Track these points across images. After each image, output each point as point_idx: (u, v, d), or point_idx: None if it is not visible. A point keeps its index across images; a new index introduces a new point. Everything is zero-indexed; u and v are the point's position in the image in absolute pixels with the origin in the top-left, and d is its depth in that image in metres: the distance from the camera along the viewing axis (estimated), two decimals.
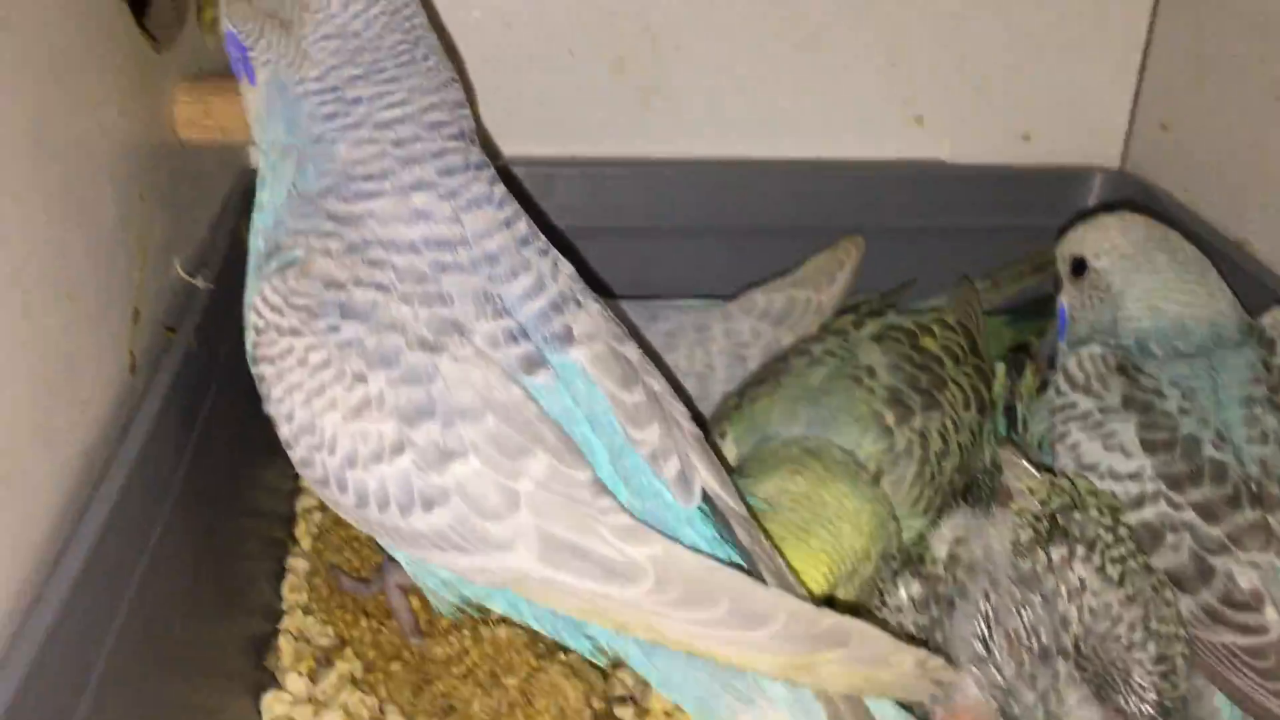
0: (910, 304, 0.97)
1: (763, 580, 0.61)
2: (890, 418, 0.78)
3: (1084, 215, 1.04)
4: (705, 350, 0.91)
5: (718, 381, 0.91)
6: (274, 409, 0.65)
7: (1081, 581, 0.63)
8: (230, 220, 0.87)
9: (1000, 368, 0.85)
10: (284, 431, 0.65)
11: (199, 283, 0.78)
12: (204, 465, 0.74)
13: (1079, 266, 0.84)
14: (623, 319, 0.91)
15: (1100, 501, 0.69)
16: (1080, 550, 0.65)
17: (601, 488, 0.61)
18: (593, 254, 1.02)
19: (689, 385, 0.90)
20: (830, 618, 0.58)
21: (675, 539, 0.60)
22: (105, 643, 0.57)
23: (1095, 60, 1.06)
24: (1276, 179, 0.88)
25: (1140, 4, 1.03)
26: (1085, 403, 0.76)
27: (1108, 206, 1.04)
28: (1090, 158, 1.08)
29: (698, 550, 0.60)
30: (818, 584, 0.69)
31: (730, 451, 0.80)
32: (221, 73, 0.74)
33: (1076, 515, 0.67)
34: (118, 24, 0.69)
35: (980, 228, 1.05)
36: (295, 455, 0.65)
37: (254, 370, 0.67)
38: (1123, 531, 0.68)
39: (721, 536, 0.64)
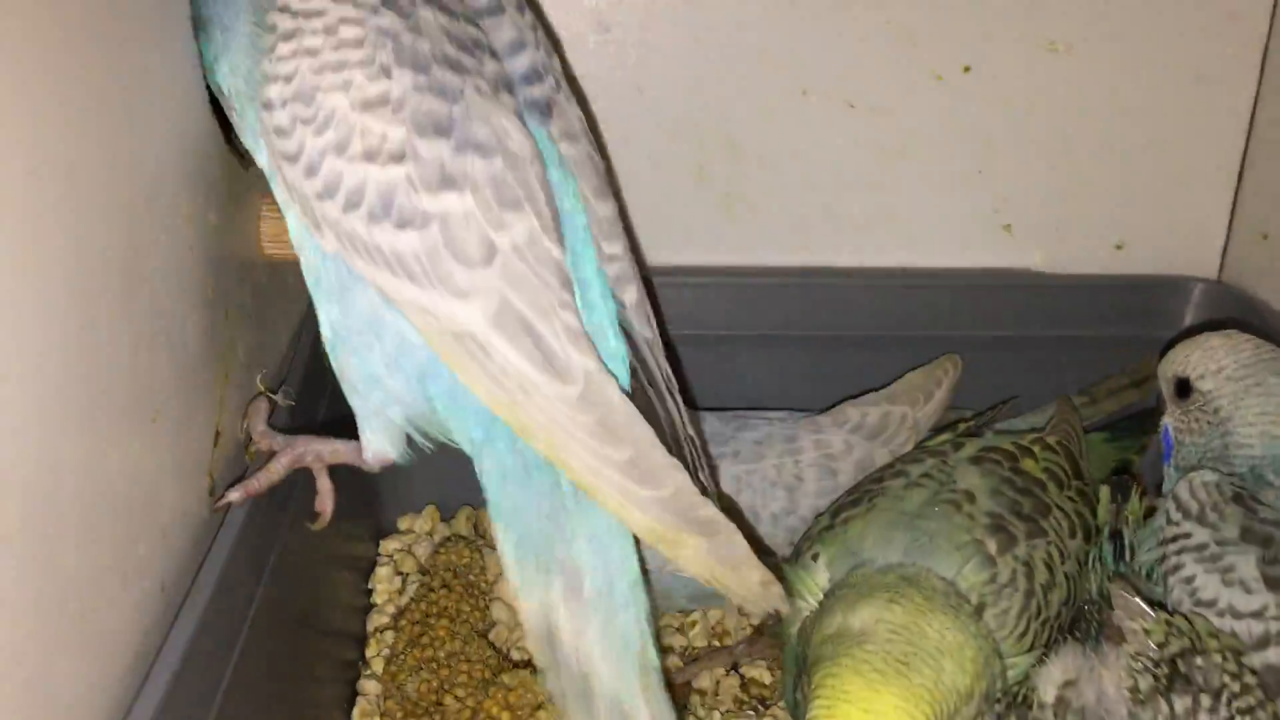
0: (1006, 420, 0.94)
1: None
2: (993, 546, 0.74)
3: (1182, 327, 1.02)
4: (795, 461, 0.88)
5: (807, 495, 0.88)
6: (271, 64, 0.60)
7: None
8: (310, 334, 0.86)
9: (1104, 492, 0.82)
10: (273, 91, 0.60)
11: (280, 399, 0.76)
12: (281, 588, 0.72)
13: (1183, 388, 0.80)
14: (708, 427, 0.90)
15: (1222, 644, 0.65)
16: (1206, 700, 0.61)
17: (568, 277, 0.59)
18: (677, 363, 1.01)
19: (777, 496, 0.87)
20: (708, 509, 0.62)
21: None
22: None
23: (1190, 166, 1.03)
24: None
25: (1238, 108, 1.01)
26: (1200, 533, 0.71)
27: (1207, 320, 1.01)
28: (1187, 267, 1.05)
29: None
30: None
31: (822, 576, 0.76)
32: None
33: (1199, 660, 0.63)
34: (210, 144, 0.69)
35: (1074, 339, 1.02)
36: (273, 118, 0.60)
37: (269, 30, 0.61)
38: (1249, 679, 0.63)
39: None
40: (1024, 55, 0.98)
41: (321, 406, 0.86)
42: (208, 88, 0.67)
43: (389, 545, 0.99)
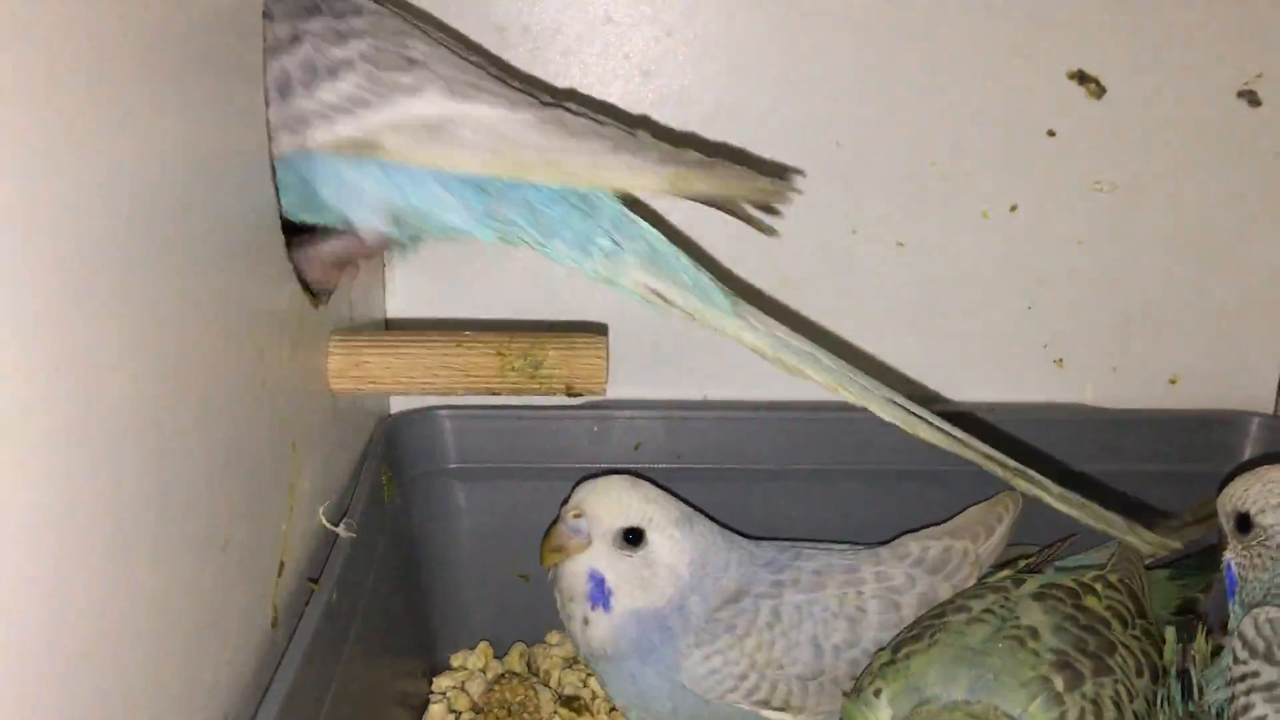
0: (1067, 556, 0.93)
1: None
2: (1060, 683, 0.73)
3: (1239, 462, 1.01)
4: (857, 592, 0.87)
5: (870, 627, 0.86)
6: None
7: None
8: (372, 468, 0.87)
9: (1170, 632, 0.80)
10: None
11: (342, 531, 0.77)
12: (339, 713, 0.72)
13: (1244, 523, 0.79)
14: (763, 554, 0.89)
15: None
16: None
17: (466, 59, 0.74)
18: (722, 495, 1.01)
19: (839, 628, 0.86)
20: (692, 152, 0.74)
21: None
22: None
23: (1244, 299, 1.03)
24: None
25: None
26: (1269, 672, 0.70)
27: (1264, 454, 1.00)
28: (1242, 402, 1.04)
29: None
30: None
31: (884, 713, 0.75)
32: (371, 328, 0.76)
33: None
34: (284, 285, 0.71)
35: (1131, 473, 1.01)
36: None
37: None
38: None
39: None
40: (1070, 194, 1.00)
41: (381, 541, 0.87)
42: (284, 227, 0.70)
43: (442, 682, 0.99)
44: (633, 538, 0.85)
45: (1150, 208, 1.00)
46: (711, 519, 0.92)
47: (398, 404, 1.00)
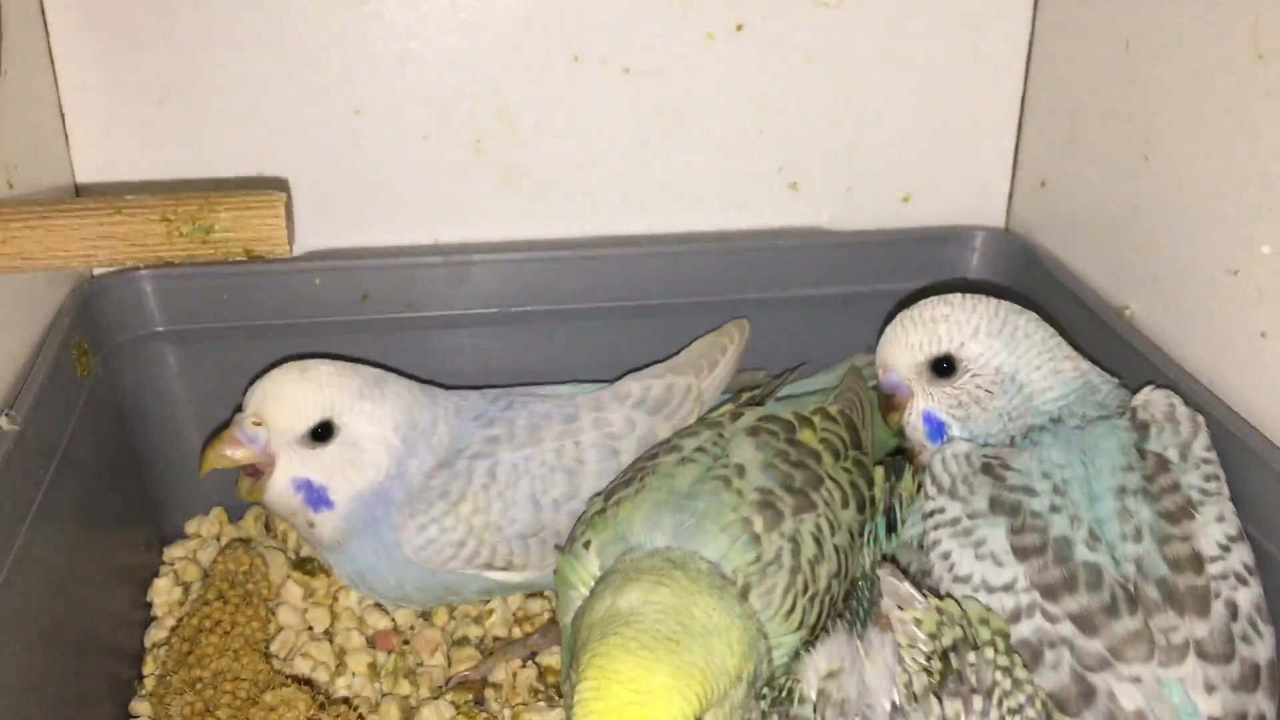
0: (799, 380, 0.93)
1: None
2: (759, 524, 0.73)
3: (969, 276, 1.02)
4: (575, 442, 0.86)
5: (589, 476, 0.85)
6: None
7: None
8: (54, 344, 0.81)
9: (879, 471, 0.81)
10: None
11: (3, 423, 0.71)
12: (40, 602, 0.68)
13: (943, 365, 0.79)
14: (471, 406, 0.87)
15: (993, 629, 0.64)
16: (977, 702, 0.59)
17: None
18: (458, 342, 0.98)
19: (557, 481, 0.85)
20: None
21: None
22: None
23: (973, 115, 1.02)
24: (1152, 242, 0.85)
25: (1014, 53, 1.00)
26: (953, 507, 0.71)
27: (993, 268, 1.01)
28: (974, 217, 1.04)
29: None
30: (690, 703, 0.63)
31: (592, 564, 0.74)
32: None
33: (971, 657, 0.61)
34: None
35: (866, 294, 1.01)
36: None
37: None
38: (1020, 673, 0.62)
39: None
40: (796, 10, 0.96)
41: (74, 418, 0.82)
42: None
43: (173, 552, 0.95)
44: (322, 432, 0.81)
45: (878, 22, 0.97)
46: (404, 374, 0.89)
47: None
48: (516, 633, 0.91)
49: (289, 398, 0.81)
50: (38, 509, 0.73)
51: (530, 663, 0.88)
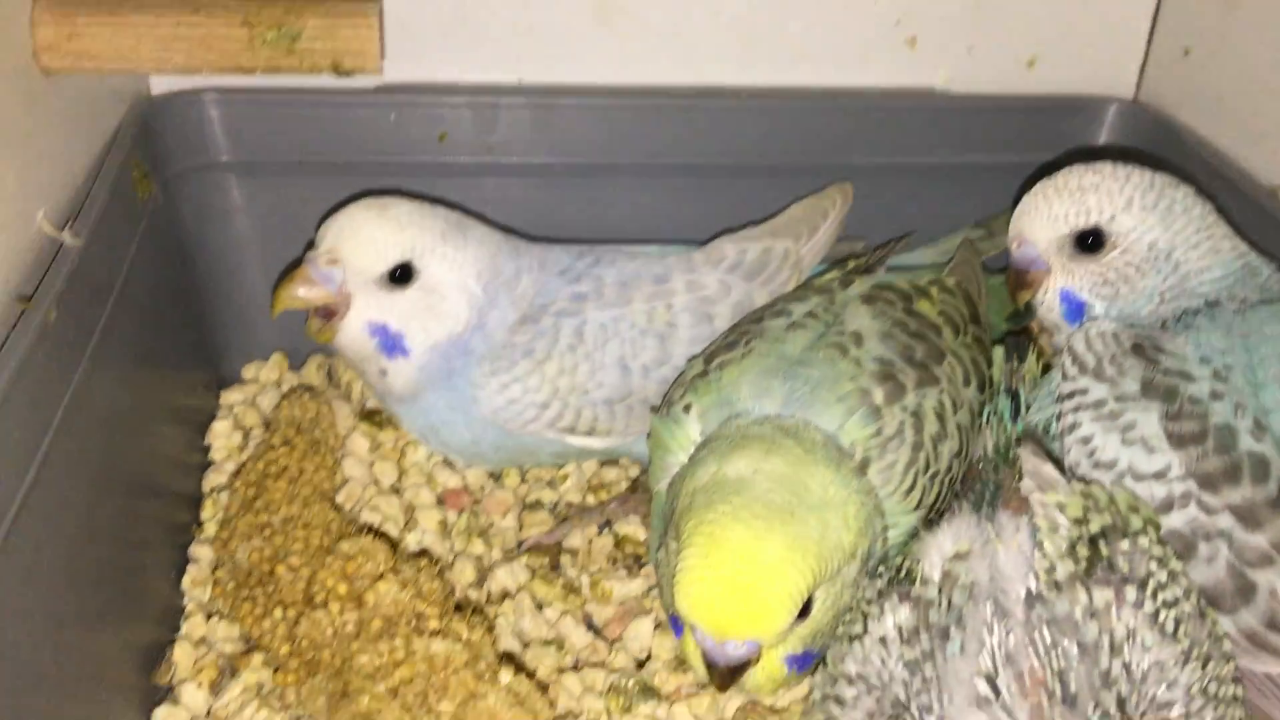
0: (903, 254, 0.86)
1: None
2: (879, 396, 0.68)
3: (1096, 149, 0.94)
4: (666, 305, 0.80)
5: (680, 343, 0.79)
6: None
7: (1131, 633, 0.52)
8: (115, 163, 0.75)
9: (999, 351, 0.75)
10: None
11: (66, 237, 0.66)
12: (96, 441, 0.65)
13: (1089, 239, 0.72)
14: (555, 261, 0.81)
15: (1143, 518, 0.58)
16: (1131, 593, 0.54)
17: None
18: (539, 193, 0.92)
19: (647, 346, 0.79)
20: None
21: None
22: None
23: None
24: None
25: None
26: (1098, 389, 0.65)
27: (1120, 143, 0.94)
28: (1103, 86, 0.96)
29: None
30: (804, 577, 0.59)
31: (694, 428, 0.69)
32: None
33: (1124, 544, 0.56)
34: None
35: (980, 165, 0.94)
36: None
37: None
38: (1175, 565, 0.57)
39: None
40: None
41: (134, 247, 0.76)
42: None
43: (230, 396, 0.90)
44: (401, 275, 0.75)
45: None
46: (488, 221, 0.83)
47: (159, 85, 0.87)
48: (591, 499, 0.86)
49: (367, 236, 0.75)
50: (96, 342, 0.68)
51: (607, 530, 0.83)
